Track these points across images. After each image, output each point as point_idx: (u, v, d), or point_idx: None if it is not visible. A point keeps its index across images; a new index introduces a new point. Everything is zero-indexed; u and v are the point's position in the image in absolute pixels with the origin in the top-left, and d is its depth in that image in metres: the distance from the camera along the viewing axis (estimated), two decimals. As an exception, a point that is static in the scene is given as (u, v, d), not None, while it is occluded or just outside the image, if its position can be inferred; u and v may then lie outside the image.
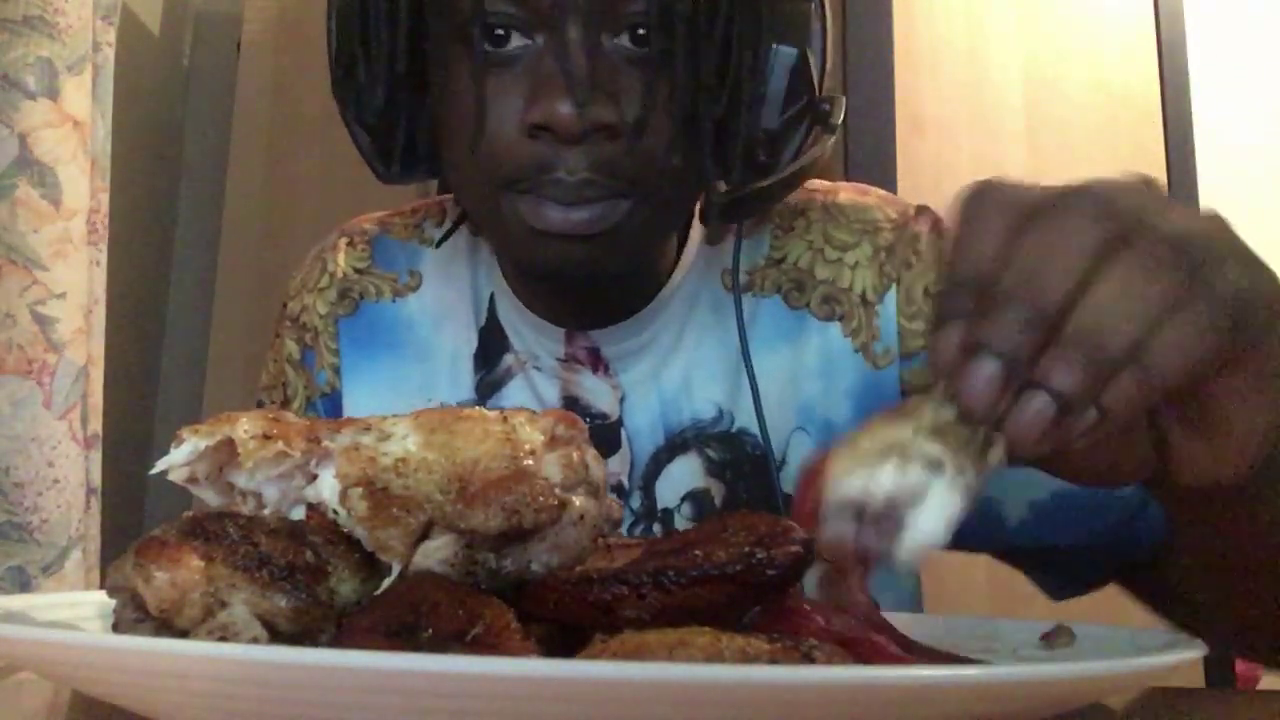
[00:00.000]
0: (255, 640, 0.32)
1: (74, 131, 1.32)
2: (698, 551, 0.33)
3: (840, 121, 0.65)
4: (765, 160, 0.63)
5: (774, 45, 0.62)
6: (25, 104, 1.28)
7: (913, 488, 0.34)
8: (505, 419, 0.37)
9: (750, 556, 0.33)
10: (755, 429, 0.67)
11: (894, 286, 0.69)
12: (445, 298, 0.75)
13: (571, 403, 0.70)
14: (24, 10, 1.29)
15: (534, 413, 0.38)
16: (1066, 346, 0.35)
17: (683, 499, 0.69)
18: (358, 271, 0.77)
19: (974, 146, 1.72)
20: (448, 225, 0.77)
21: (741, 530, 0.35)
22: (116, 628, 0.34)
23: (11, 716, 0.40)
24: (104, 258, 1.39)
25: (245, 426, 0.37)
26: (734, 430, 0.69)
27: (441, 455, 0.35)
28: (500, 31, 0.60)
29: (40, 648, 0.29)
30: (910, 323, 0.69)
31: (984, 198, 0.38)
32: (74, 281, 1.31)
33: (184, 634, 0.32)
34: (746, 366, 0.66)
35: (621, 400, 0.70)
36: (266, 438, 0.37)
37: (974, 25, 1.76)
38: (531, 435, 0.36)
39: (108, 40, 1.41)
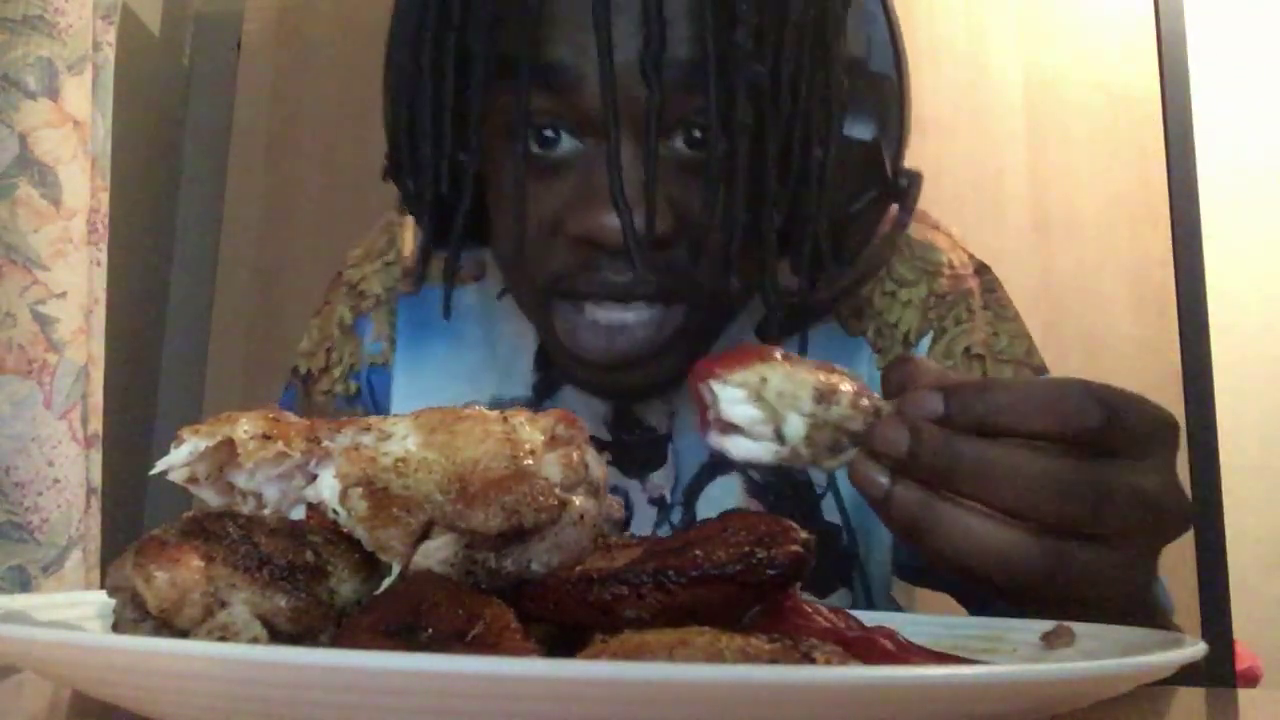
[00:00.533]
0: (255, 640, 0.32)
1: (74, 131, 1.32)
2: (698, 551, 0.33)
3: (915, 202, 0.63)
4: (835, 257, 0.60)
5: (846, 135, 0.58)
6: (25, 104, 1.28)
7: (749, 430, 0.42)
8: (505, 419, 0.37)
9: (750, 556, 0.33)
10: None
11: (931, 333, 0.69)
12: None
13: (624, 414, 0.69)
14: (24, 10, 1.29)
15: (534, 413, 0.38)
16: (943, 479, 0.41)
17: None
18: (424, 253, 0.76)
19: (974, 146, 1.72)
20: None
21: (741, 530, 0.35)
22: (116, 628, 0.34)
23: (11, 716, 0.40)
24: (104, 258, 1.39)
25: (245, 427, 0.37)
26: None
27: (441, 455, 0.35)
28: (550, 133, 0.56)
29: (40, 648, 0.29)
30: None
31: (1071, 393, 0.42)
32: (74, 281, 1.31)
33: (184, 634, 0.32)
34: None
35: (672, 415, 0.69)
36: (266, 438, 0.37)
37: (974, 25, 1.76)
38: (531, 435, 0.36)
39: (108, 40, 1.41)
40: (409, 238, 0.76)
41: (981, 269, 0.72)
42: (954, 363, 0.68)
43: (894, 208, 0.64)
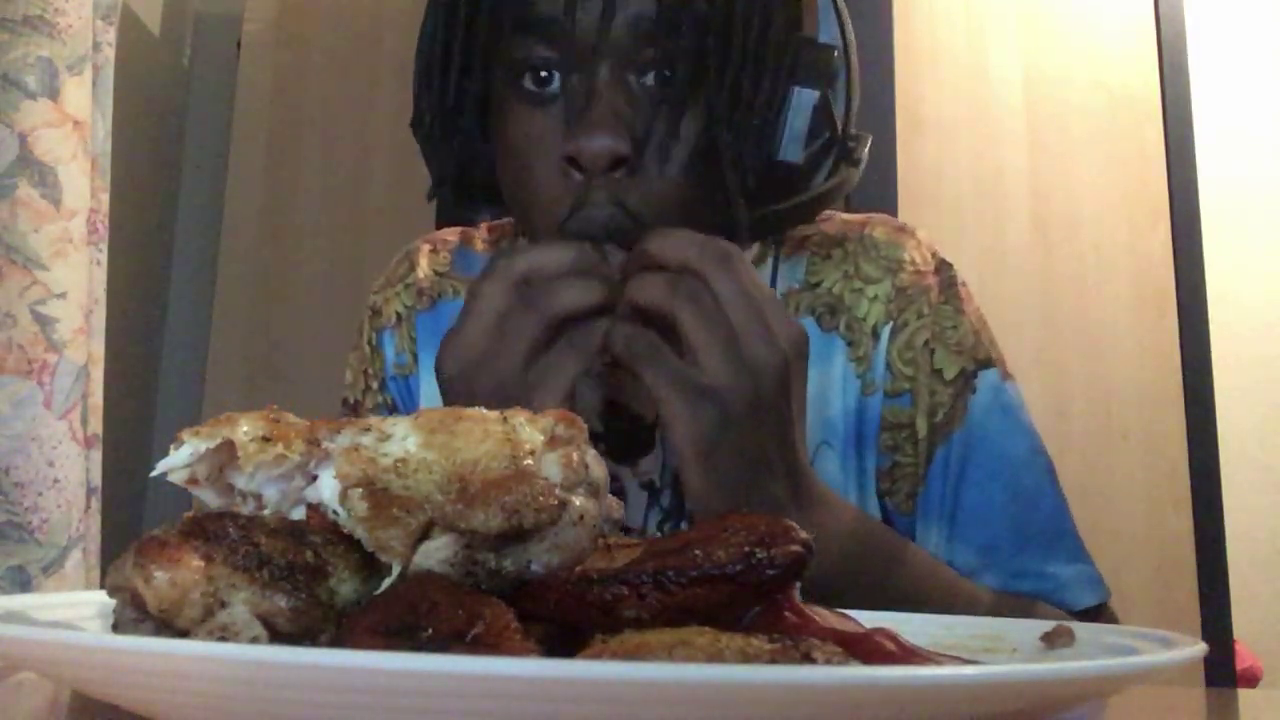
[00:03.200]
0: (255, 640, 0.32)
1: (74, 131, 1.32)
2: (698, 551, 0.33)
3: (864, 157, 0.71)
4: (785, 192, 0.68)
5: (793, 87, 0.66)
6: (25, 104, 1.28)
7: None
8: (505, 419, 0.37)
9: (750, 556, 0.33)
10: None
11: (892, 324, 0.75)
12: None
13: (611, 405, 0.73)
14: (24, 10, 1.29)
15: (534, 413, 0.38)
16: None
17: None
18: (438, 275, 0.85)
19: (974, 146, 1.72)
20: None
21: (741, 530, 0.35)
22: (116, 628, 0.34)
23: (11, 716, 0.40)
24: (104, 258, 1.39)
25: (245, 428, 0.37)
26: None
27: (441, 455, 0.35)
28: (544, 73, 0.66)
29: (40, 648, 0.29)
30: (904, 366, 0.74)
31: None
32: (74, 281, 1.31)
33: (184, 634, 0.32)
34: None
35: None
36: (266, 439, 0.37)
37: (974, 25, 1.76)
38: (531, 435, 0.36)
39: (108, 40, 1.41)
40: (424, 263, 0.85)
41: (942, 266, 0.78)
42: (914, 354, 0.74)
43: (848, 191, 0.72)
